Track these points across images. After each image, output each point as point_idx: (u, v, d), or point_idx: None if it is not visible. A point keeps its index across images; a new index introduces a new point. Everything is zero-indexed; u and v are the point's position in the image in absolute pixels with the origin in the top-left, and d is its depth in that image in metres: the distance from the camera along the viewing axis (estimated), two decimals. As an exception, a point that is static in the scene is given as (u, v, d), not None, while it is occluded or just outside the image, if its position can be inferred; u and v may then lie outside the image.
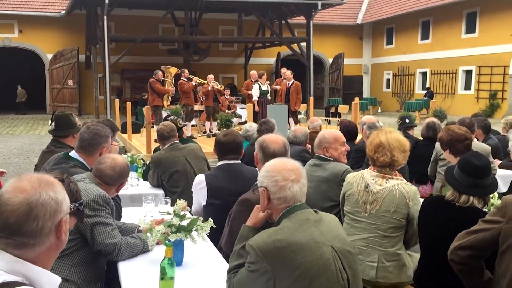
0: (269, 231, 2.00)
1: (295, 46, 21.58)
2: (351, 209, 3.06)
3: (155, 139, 11.34)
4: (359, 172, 3.17)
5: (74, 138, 4.12)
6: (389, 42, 28.14)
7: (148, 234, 2.46)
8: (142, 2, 20.15)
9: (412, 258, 3.04)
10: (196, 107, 13.48)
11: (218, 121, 9.48)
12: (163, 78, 12.50)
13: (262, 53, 26.26)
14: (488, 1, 21.25)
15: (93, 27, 21.48)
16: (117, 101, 15.84)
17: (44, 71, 25.08)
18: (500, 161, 5.37)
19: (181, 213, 2.45)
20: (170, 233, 2.35)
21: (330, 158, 3.73)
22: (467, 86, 23.23)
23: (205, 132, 13.23)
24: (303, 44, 21.61)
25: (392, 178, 3.02)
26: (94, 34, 21.26)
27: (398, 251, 2.99)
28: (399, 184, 3.00)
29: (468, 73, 23.10)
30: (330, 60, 27.33)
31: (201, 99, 13.55)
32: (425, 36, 25.49)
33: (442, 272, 2.50)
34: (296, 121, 12.98)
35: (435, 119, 5.64)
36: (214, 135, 12.98)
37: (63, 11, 23.63)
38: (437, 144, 4.57)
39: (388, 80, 28.39)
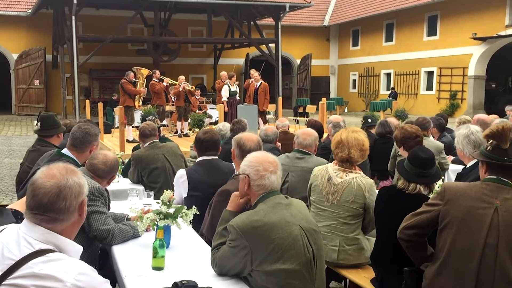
0: (247, 213, 2.37)
1: (263, 47, 21.87)
2: (316, 198, 3.43)
3: (127, 139, 11.55)
4: (323, 166, 3.54)
5: (59, 137, 4.37)
6: (355, 43, 28.75)
7: (138, 222, 2.76)
8: (111, 2, 20.07)
9: (370, 242, 3.41)
10: (167, 108, 13.69)
11: (190, 121, 9.77)
12: (134, 79, 12.64)
13: (231, 54, 26.43)
14: (448, 5, 21.95)
15: (60, 27, 21.22)
16: (87, 101, 15.83)
17: (9, 71, 24.62)
18: (453, 157, 5.82)
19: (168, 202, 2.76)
20: (158, 220, 2.65)
21: (310, 152, 4.20)
22: (429, 87, 23.96)
23: (176, 132, 13.45)
24: (272, 45, 21.94)
25: (352, 172, 3.40)
26: (62, 34, 21.01)
27: (357, 236, 3.38)
28: (357, 177, 3.38)
29: (430, 74, 23.84)
30: (298, 61, 27.78)
31: (172, 99, 13.76)
32: (389, 38, 26.16)
33: (393, 250, 2.88)
34: (265, 121, 13.35)
35: (389, 118, 6.07)
36: (186, 135, 13.23)
37: (29, 10, 23.22)
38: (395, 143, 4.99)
39: (354, 80, 28.98)
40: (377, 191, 3.34)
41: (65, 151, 3.45)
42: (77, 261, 1.64)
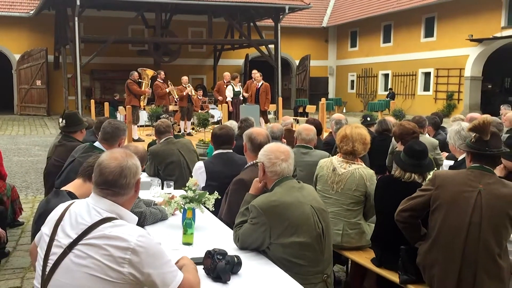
0: (266, 195, 2.75)
1: (263, 48, 22.15)
2: (322, 187, 3.78)
3: (132, 138, 11.87)
4: (328, 158, 3.91)
5: (82, 133, 4.74)
6: (353, 45, 29.07)
7: (167, 207, 3.12)
8: (113, 3, 20.25)
9: (370, 227, 3.76)
10: (171, 108, 14.02)
11: (195, 120, 10.14)
12: (139, 80, 12.98)
13: (231, 55, 26.72)
14: (445, 7, 22.27)
15: (62, 28, 21.42)
16: (92, 101, 16.12)
17: (12, 72, 24.79)
18: (447, 154, 6.18)
19: (193, 188, 3.11)
20: (184, 203, 3.01)
21: (311, 147, 4.59)
22: (426, 88, 24.28)
23: (179, 132, 13.79)
24: (271, 46, 22.23)
25: (354, 163, 3.77)
26: (64, 35, 21.19)
27: (358, 222, 3.75)
28: (359, 168, 3.75)
29: (427, 75, 24.16)
30: (297, 62, 28.07)
31: (175, 99, 14.11)
32: (387, 39, 26.49)
33: (391, 232, 3.23)
34: (266, 120, 13.68)
35: (387, 118, 6.43)
36: (189, 134, 13.57)
37: (31, 11, 23.43)
38: (394, 139, 5.34)
39: (352, 81, 29.27)
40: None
41: (97, 144, 3.82)
42: (136, 227, 2.00)
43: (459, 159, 3.99)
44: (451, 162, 5.95)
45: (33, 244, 2.27)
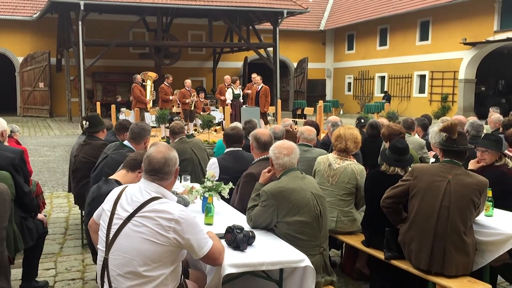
0: (274, 182, 3.35)
1: (262, 51, 22.59)
2: (319, 180, 4.34)
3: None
4: (325, 155, 4.50)
5: (103, 132, 5.29)
6: (350, 47, 29.55)
7: (189, 195, 3.69)
8: (117, 7, 20.68)
9: (361, 215, 4.34)
10: (174, 110, 14.60)
11: (200, 121, 10.73)
12: (143, 82, 13.51)
13: (230, 57, 27.15)
14: (440, 12, 22.80)
15: (66, 31, 21.78)
16: (98, 103, 16.59)
17: (15, 74, 25.17)
18: (434, 153, 6.72)
19: (211, 179, 3.69)
20: (204, 192, 3.58)
21: (311, 145, 5.18)
22: (421, 90, 24.79)
23: (182, 132, 14.37)
24: (270, 49, 22.65)
25: (347, 160, 4.37)
26: (67, 38, 21.53)
27: (350, 210, 4.34)
28: (351, 164, 4.36)
29: (422, 77, 24.66)
30: (295, 64, 28.55)
31: (178, 102, 14.69)
32: (383, 42, 26.98)
33: (378, 217, 3.81)
34: (266, 122, 14.26)
35: (380, 119, 6.95)
36: (191, 135, 14.16)
37: (34, 15, 23.79)
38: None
39: (349, 83, 29.75)
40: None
41: (126, 142, 4.37)
42: (178, 204, 2.57)
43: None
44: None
45: (91, 220, 2.85)
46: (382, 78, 27.28)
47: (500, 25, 20.65)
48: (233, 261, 2.72)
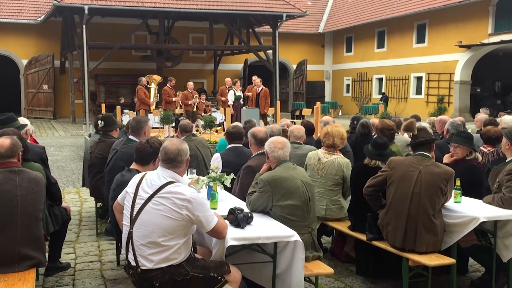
0: (270, 172, 3.90)
1: (261, 53, 22.95)
2: (310, 173, 4.86)
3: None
4: (315, 151, 5.06)
5: (116, 131, 5.84)
6: (349, 50, 29.94)
7: (196, 185, 4.22)
8: (119, 11, 21.08)
9: (347, 203, 4.87)
10: (177, 111, 15.13)
11: (203, 122, 11.28)
12: (147, 85, 14.04)
13: (231, 60, 27.53)
14: (436, 15, 23.22)
15: (70, 34, 22.15)
16: (103, 105, 17.03)
17: (19, 76, 25.56)
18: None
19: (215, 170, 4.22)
20: (209, 181, 4.12)
21: (301, 142, 5.69)
22: (418, 91, 25.16)
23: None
24: (269, 51, 23.05)
25: (334, 154, 4.92)
26: (71, 41, 21.91)
27: (338, 199, 4.89)
28: (338, 158, 4.91)
29: (419, 79, 25.05)
30: (294, 66, 29.01)
31: (180, 103, 15.22)
32: (380, 45, 27.38)
33: (362, 204, 4.34)
34: (266, 123, 14.77)
35: (371, 120, 7.51)
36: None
37: (39, 18, 24.18)
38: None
39: (348, 85, 30.11)
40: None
41: (130, 137, 4.93)
42: (188, 186, 3.09)
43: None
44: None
45: (116, 202, 3.41)
46: (380, 79, 27.63)
47: (495, 28, 21.06)
48: (234, 235, 3.26)
